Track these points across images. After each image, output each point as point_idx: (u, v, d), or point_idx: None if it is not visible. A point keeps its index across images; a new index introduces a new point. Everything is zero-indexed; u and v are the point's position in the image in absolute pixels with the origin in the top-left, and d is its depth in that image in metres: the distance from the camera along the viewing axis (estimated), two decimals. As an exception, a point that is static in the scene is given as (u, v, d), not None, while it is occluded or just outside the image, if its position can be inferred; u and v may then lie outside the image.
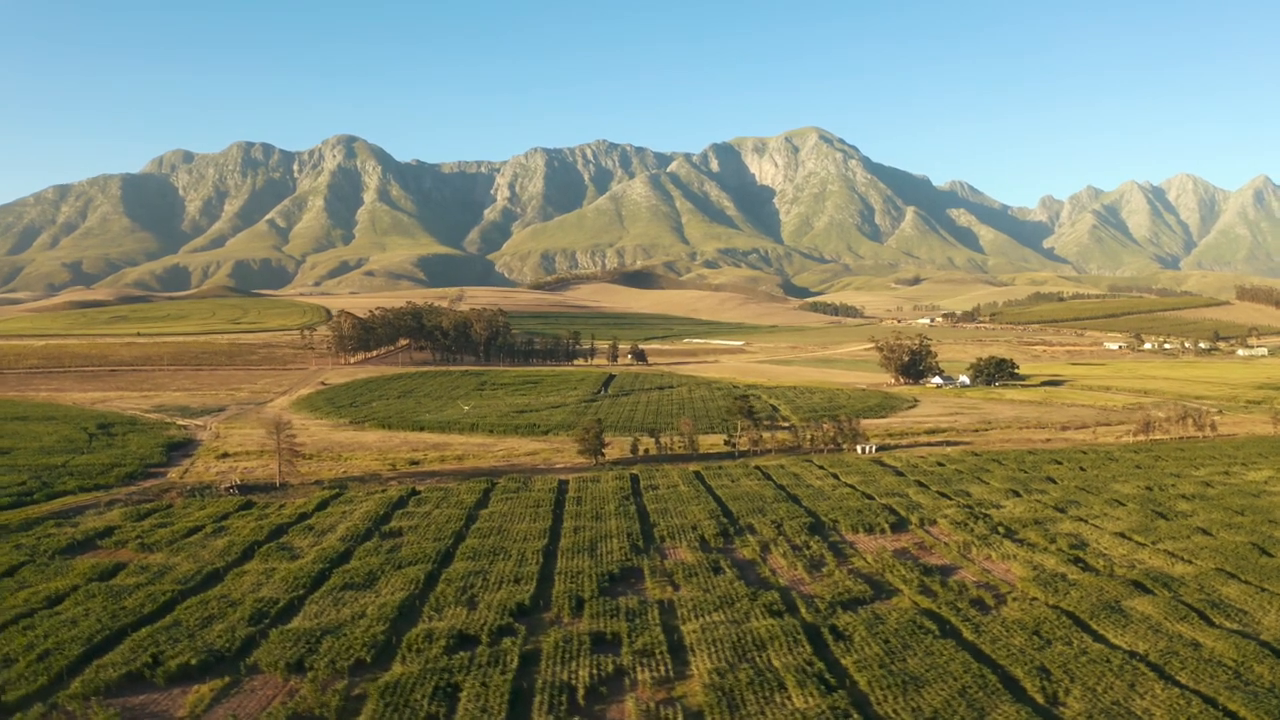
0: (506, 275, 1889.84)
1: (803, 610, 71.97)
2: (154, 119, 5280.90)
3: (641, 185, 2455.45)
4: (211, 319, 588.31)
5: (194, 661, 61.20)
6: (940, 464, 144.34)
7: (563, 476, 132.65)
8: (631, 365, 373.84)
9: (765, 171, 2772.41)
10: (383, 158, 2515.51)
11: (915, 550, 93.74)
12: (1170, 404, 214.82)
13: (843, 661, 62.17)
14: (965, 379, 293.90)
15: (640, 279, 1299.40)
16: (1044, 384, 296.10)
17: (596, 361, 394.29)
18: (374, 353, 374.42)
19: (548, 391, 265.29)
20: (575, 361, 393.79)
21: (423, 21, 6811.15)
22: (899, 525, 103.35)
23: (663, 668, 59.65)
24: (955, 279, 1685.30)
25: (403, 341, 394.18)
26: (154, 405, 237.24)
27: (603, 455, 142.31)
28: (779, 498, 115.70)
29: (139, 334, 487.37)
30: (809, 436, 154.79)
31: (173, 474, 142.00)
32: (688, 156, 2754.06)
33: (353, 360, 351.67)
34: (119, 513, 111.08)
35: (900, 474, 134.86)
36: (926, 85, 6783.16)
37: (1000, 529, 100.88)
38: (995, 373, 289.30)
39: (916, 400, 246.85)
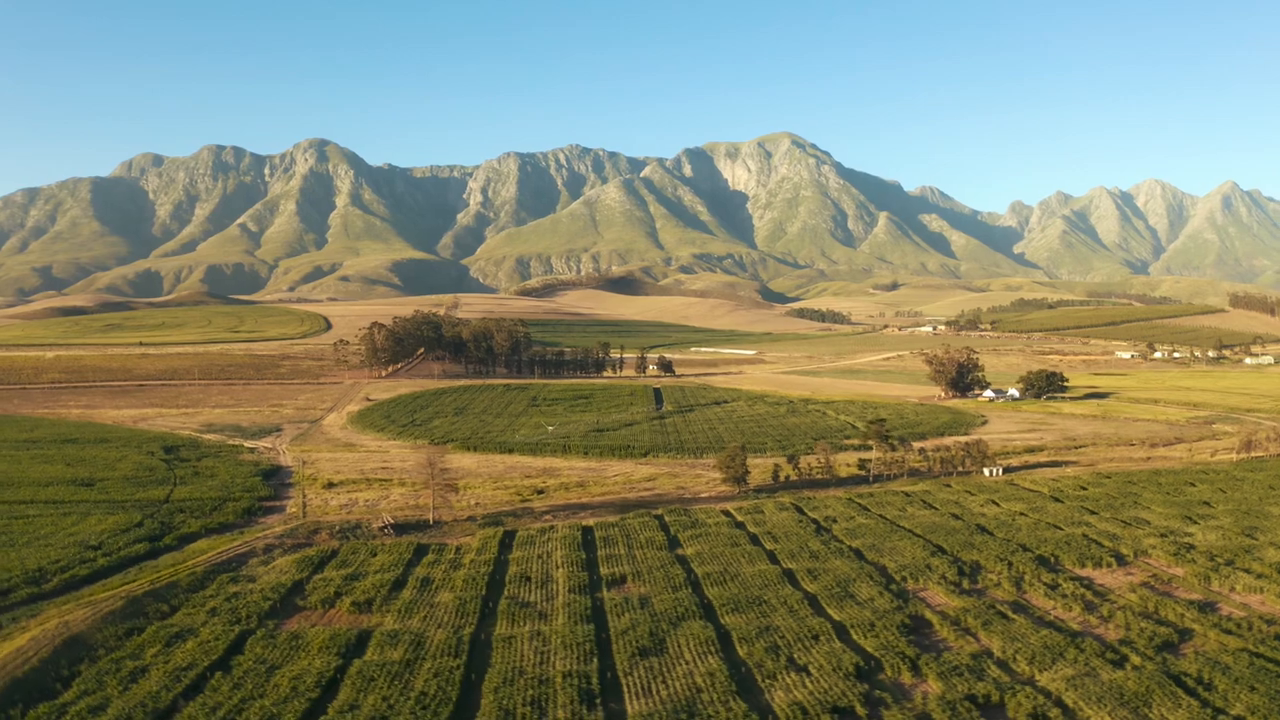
0: (481, 280, 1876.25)
1: (1133, 658, 69.25)
2: (123, 122, 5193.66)
3: (615, 190, 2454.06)
4: (209, 327, 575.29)
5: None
6: (1083, 488, 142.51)
7: (719, 507, 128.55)
8: (662, 377, 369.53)
9: (738, 176, 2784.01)
10: (354, 161, 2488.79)
11: (1157, 585, 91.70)
12: (1271, 423, 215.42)
13: (1232, 711, 60.03)
14: (1014, 392, 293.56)
15: (624, 285, 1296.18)
16: (1087, 396, 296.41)
17: (625, 373, 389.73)
18: (399, 365, 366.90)
19: (605, 408, 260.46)
20: (604, 373, 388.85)
21: (394, 25, 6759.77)
22: (1119, 558, 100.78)
23: (1078, 739, 56.22)
24: (932, 284, 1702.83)
25: (419, 352, 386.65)
26: (202, 424, 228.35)
27: (746, 483, 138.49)
28: (967, 529, 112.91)
29: (141, 343, 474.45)
30: (938, 459, 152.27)
31: (291, 508, 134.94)
32: (661, 161, 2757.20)
33: (384, 373, 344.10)
34: (288, 562, 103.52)
35: (1058, 499, 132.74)
36: (897, 91, 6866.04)
37: (1219, 560, 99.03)
38: (1045, 386, 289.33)
39: (984, 416, 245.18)
